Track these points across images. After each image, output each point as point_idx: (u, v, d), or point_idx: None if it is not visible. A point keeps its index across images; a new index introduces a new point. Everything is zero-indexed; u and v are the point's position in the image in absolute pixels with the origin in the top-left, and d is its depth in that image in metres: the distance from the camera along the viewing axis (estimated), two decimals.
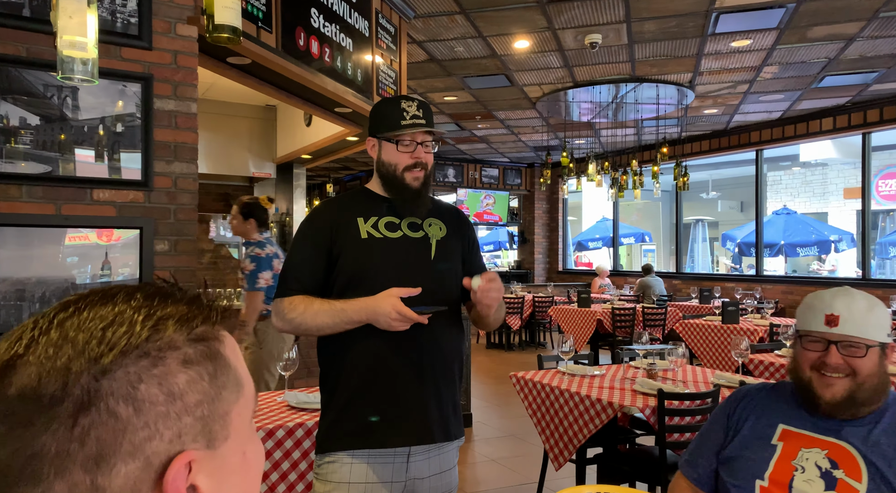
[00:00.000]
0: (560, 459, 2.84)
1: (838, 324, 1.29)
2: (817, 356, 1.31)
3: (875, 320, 1.30)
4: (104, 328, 0.46)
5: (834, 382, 1.28)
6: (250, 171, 7.54)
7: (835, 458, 1.28)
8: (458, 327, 1.63)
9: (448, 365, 1.57)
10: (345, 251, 1.54)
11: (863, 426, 1.29)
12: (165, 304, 0.49)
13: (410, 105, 1.57)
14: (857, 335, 1.28)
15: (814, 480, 1.28)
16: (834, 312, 1.30)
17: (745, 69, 6.25)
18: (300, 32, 3.64)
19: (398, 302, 1.40)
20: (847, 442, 1.28)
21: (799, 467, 1.30)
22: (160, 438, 0.45)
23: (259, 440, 0.56)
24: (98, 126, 2.50)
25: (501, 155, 11.52)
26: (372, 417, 1.48)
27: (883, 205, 13.01)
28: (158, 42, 2.59)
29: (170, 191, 2.63)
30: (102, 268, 2.52)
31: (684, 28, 5.16)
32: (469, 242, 1.71)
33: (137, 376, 0.45)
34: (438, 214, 1.67)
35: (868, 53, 5.72)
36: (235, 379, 0.51)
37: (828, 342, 1.30)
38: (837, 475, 1.26)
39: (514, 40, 5.49)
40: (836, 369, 1.28)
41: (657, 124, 8.68)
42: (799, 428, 1.35)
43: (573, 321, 7.19)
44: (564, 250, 12.52)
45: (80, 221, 2.46)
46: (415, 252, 1.57)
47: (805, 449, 1.31)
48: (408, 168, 1.56)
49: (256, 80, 3.89)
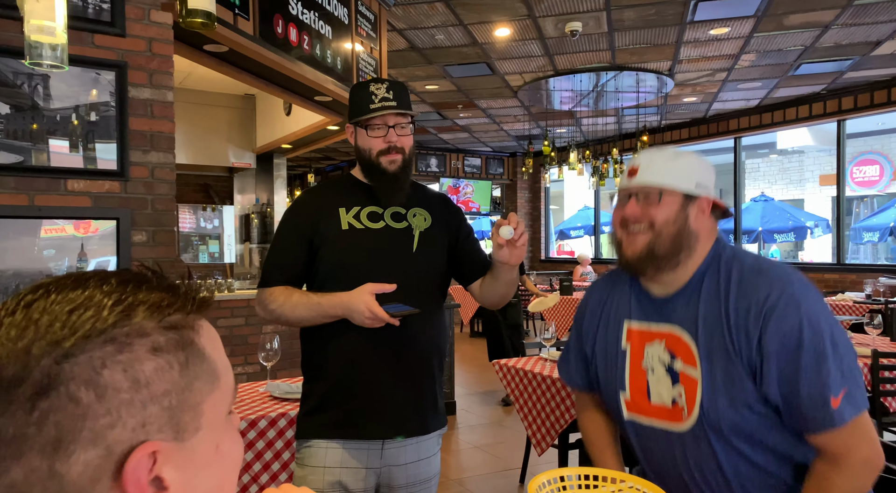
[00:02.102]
0: (543, 444, 2.87)
1: (637, 174, 1.25)
2: (621, 212, 1.27)
3: (678, 169, 1.24)
4: (70, 311, 0.44)
5: (635, 237, 1.24)
6: (230, 161, 7.45)
7: (672, 348, 1.24)
8: (439, 321, 1.59)
9: (427, 360, 1.54)
10: (325, 243, 1.51)
11: (687, 299, 1.24)
12: (139, 290, 0.48)
13: (380, 87, 1.51)
14: (653, 182, 1.23)
15: (662, 378, 1.25)
16: (636, 163, 1.27)
17: (724, 57, 6.30)
18: (278, 19, 3.59)
19: (371, 300, 1.37)
20: (678, 325, 1.24)
21: (649, 368, 1.27)
22: (122, 426, 0.43)
23: (237, 435, 0.54)
24: (71, 115, 2.45)
25: (483, 144, 11.51)
26: (348, 410, 1.48)
27: (857, 191, 13.26)
28: (132, 29, 2.54)
29: (147, 181, 2.59)
30: (79, 260, 2.48)
31: (664, 16, 5.18)
32: (458, 232, 1.65)
33: (101, 362, 0.43)
34: (424, 203, 1.63)
35: (843, 41, 5.79)
36: (210, 370, 0.50)
37: (629, 195, 1.27)
38: (677, 366, 1.23)
39: (494, 28, 5.47)
40: (636, 219, 1.24)
41: (637, 113, 8.73)
42: (639, 320, 1.31)
43: (555, 309, 7.25)
44: (547, 238, 12.58)
45: (54, 211, 2.42)
46: (396, 244, 1.53)
47: (648, 345, 1.28)
48: (382, 152, 1.51)
49: (234, 68, 3.83)
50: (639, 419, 1.30)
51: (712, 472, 1.22)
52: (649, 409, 1.28)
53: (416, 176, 11.69)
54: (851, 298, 6.23)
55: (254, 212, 7.91)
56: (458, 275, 1.66)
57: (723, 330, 1.17)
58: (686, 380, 1.21)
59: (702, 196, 1.25)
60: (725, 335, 1.17)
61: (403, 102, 1.53)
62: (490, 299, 1.63)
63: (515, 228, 1.40)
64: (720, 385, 1.17)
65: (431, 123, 9.57)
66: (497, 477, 3.63)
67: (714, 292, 1.21)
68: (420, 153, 11.65)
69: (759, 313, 1.14)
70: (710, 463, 1.21)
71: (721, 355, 1.17)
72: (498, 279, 1.56)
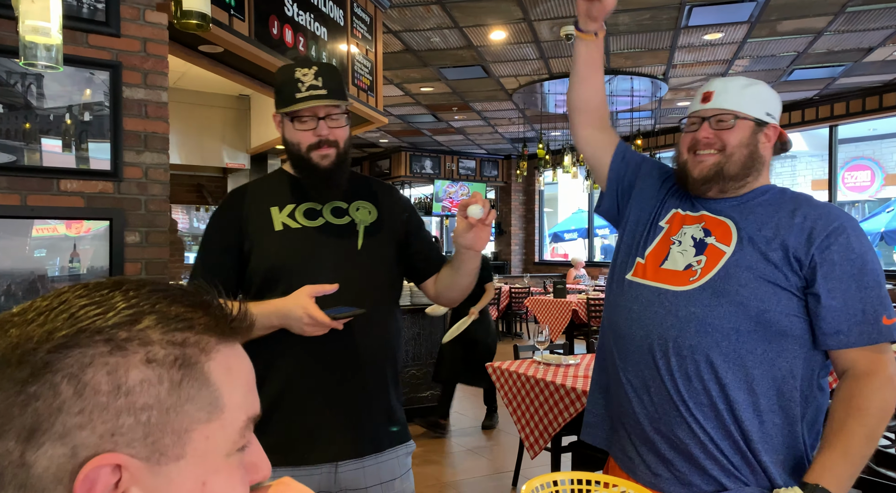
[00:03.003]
0: (535, 448, 2.88)
1: (711, 99, 1.27)
2: (692, 136, 1.29)
3: (751, 95, 1.27)
4: (82, 306, 0.44)
5: (704, 158, 1.27)
6: (224, 161, 7.43)
7: (709, 227, 1.28)
8: (392, 324, 1.44)
9: (378, 370, 1.39)
10: (257, 247, 1.36)
11: (743, 204, 1.29)
12: (162, 301, 0.46)
13: (307, 73, 1.32)
14: (728, 107, 1.25)
15: (687, 249, 1.28)
16: (709, 89, 1.28)
17: (718, 62, 6.34)
18: (273, 21, 3.59)
19: (310, 304, 1.21)
20: (726, 216, 1.28)
21: (676, 241, 1.31)
22: (91, 429, 0.42)
23: (240, 482, 0.48)
24: (65, 115, 2.44)
25: (478, 147, 11.52)
26: (290, 432, 1.33)
27: (849, 196, 13.35)
28: (127, 29, 2.53)
29: (140, 181, 2.58)
30: (71, 260, 2.46)
31: (658, 21, 5.20)
32: (407, 225, 1.50)
33: (90, 360, 0.42)
34: (369, 195, 1.48)
35: (835, 47, 5.84)
36: (211, 398, 0.46)
37: (702, 120, 1.28)
38: (709, 240, 1.27)
39: (490, 31, 5.49)
40: (708, 144, 1.26)
41: (631, 117, 8.76)
42: (688, 211, 1.34)
43: (549, 312, 7.26)
44: (541, 241, 12.60)
45: (46, 212, 2.40)
46: (338, 242, 1.38)
47: (686, 226, 1.32)
48: (312, 147, 1.35)
49: (229, 68, 3.83)
50: (638, 281, 1.31)
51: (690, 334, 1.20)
52: (656, 273, 1.29)
53: (411, 177, 11.73)
54: None
55: None
56: (410, 272, 1.52)
57: (777, 227, 1.21)
58: (712, 252, 1.24)
59: (770, 124, 1.28)
60: (780, 230, 1.21)
61: (335, 89, 1.34)
62: (450, 295, 1.49)
63: (483, 206, 1.29)
64: (750, 261, 1.20)
65: (426, 125, 9.58)
66: (490, 480, 3.63)
67: (777, 202, 1.26)
68: (415, 155, 11.66)
69: (829, 227, 1.18)
70: (692, 325, 1.20)
71: (764, 242, 1.21)
72: (460, 270, 1.42)
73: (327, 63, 1.37)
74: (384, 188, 1.53)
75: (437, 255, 1.52)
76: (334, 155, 1.36)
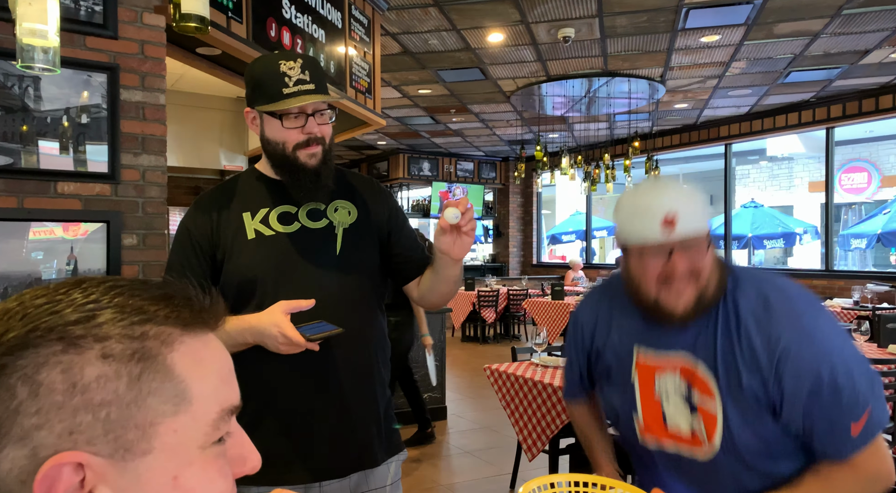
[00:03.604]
0: (533, 450, 2.87)
1: (676, 224, 1.10)
2: (661, 268, 1.13)
3: (700, 208, 1.14)
4: (38, 305, 0.44)
5: (682, 290, 1.13)
6: (221, 164, 7.43)
7: (688, 379, 1.20)
8: (377, 333, 1.35)
9: (363, 382, 1.30)
10: (230, 257, 1.27)
11: (701, 330, 1.18)
12: (122, 295, 0.46)
13: (293, 66, 1.22)
14: (696, 233, 1.12)
15: (679, 408, 1.22)
16: (671, 210, 1.10)
17: (715, 64, 6.35)
18: (271, 23, 3.59)
19: (284, 322, 1.12)
20: (692, 354, 1.19)
21: (663, 396, 1.23)
22: (49, 429, 0.41)
23: (216, 475, 0.47)
24: (62, 117, 2.44)
25: (476, 149, 11.53)
26: (270, 451, 1.22)
27: (846, 198, 13.38)
28: (124, 31, 2.53)
29: (138, 184, 2.58)
30: (68, 263, 2.46)
31: (655, 23, 5.22)
32: (388, 222, 1.39)
33: (45, 359, 0.42)
34: (348, 192, 1.36)
35: (832, 50, 5.86)
36: (176, 391, 0.45)
37: (670, 251, 1.12)
38: (695, 400, 1.20)
39: (487, 33, 5.49)
40: (685, 276, 1.13)
41: (629, 119, 8.78)
42: (649, 346, 1.25)
43: (547, 314, 7.27)
44: (538, 243, 12.61)
45: (43, 214, 2.40)
46: (314, 248, 1.28)
47: (659, 375, 1.23)
48: (300, 146, 1.25)
49: (227, 71, 3.83)
50: (657, 443, 1.29)
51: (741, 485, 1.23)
52: (668, 434, 1.26)
53: (409, 179, 11.73)
54: (839, 304, 6.28)
55: None
56: (391, 273, 1.42)
57: (738, 367, 1.14)
58: (705, 413, 1.19)
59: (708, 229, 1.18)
60: (743, 372, 1.14)
61: (322, 83, 1.26)
62: (430, 300, 1.39)
63: (463, 212, 1.17)
64: (740, 420, 1.15)
65: (424, 127, 9.58)
66: (487, 482, 3.63)
67: (726, 326, 1.17)
68: (413, 157, 11.66)
69: (773, 354, 1.11)
70: (737, 480, 1.23)
71: (739, 390, 1.15)
72: (438, 275, 1.32)
73: (310, 55, 1.26)
74: (364, 183, 1.42)
75: (419, 255, 1.42)
76: (321, 153, 1.27)
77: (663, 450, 1.28)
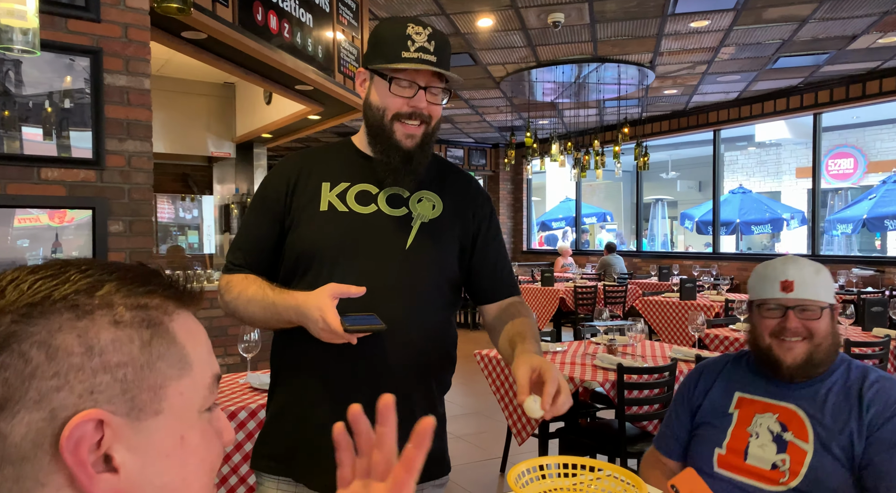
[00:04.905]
0: (523, 434, 2.90)
1: (793, 289, 1.33)
2: (776, 323, 1.35)
3: (823, 283, 1.36)
4: (37, 280, 0.45)
5: (793, 345, 1.33)
6: (209, 150, 7.36)
7: (784, 421, 1.34)
8: (433, 340, 1.20)
9: (409, 395, 1.14)
10: (297, 224, 1.18)
11: (812, 387, 1.35)
12: (116, 272, 0.48)
13: (420, 32, 1.12)
14: (812, 298, 1.33)
15: (767, 444, 1.34)
16: (788, 278, 1.35)
17: (704, 50, 6.35)
18: (258, 7, 3.54)
19: (327, 307, 1.01)
20: (796, 405, 1.34)
21: (754, 433, 1.36)
22: (69, 390, 0.42)
23: (214, 436, 0.51)
24: (44, 102, 2.40)
25: (466, 135, 11.49)
26: (290, 444, 1.17)
27: (832, 184, 13.50)
28: (107, 14, 2.48)
29: (123, 170, 2.55)
30: (54, 251, 2.43)
31: (645, 8, 5.20)
32: (478, 230, 1.26)
33: (58, 325, 0.43)
34: (439, 184, 1.24)
35: (819, 35, 5.87)
36: (179, 356, 0.48)
37: (785, 308, 1.34)
38: (787, 437, 1.32)
39: (477, 18, 5.45)
40: (795, 332, 1.33)
41: (618, 105, 8.78)
42: (753, 395, 1.40)
43: (537, 300, 7.29)
44: (529, 230, 12.63)
45: (27, 200, 2.37)
46: (385, 236, 1.17)
47: (759, 415, 1.37)
48: (399, 117, 1.14)
49: (213, 55, 3.78)
50: (730, 475, 1.37)
51: None
52: (743, 467, 1.35)
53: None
54: None
55: (234, 202, 7.83)
56: (468, 288, 1.29)
57: (847, 421, 1.28)
58: (794, 450, 1.30)
59: (835, 304, 1.38)
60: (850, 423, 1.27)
61: (445, 59, 1.15)
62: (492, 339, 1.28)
63: (545, 399, 0.97)
64: (833, 465, 1.26)
65: None
66: (479, 467, 3.66)
67: (845, 387, 1.32)
68: None
69: (890, 406, 1.26)
70: None
71: (838, 438, 1.27)
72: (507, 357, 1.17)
73: (441, 32, 1.16)
74: (461, 179, 1.30)
75: (500, 282, 1.26)
76: (420, 135, 1.16)
77: (736, 482, 1.36)
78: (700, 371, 1.53)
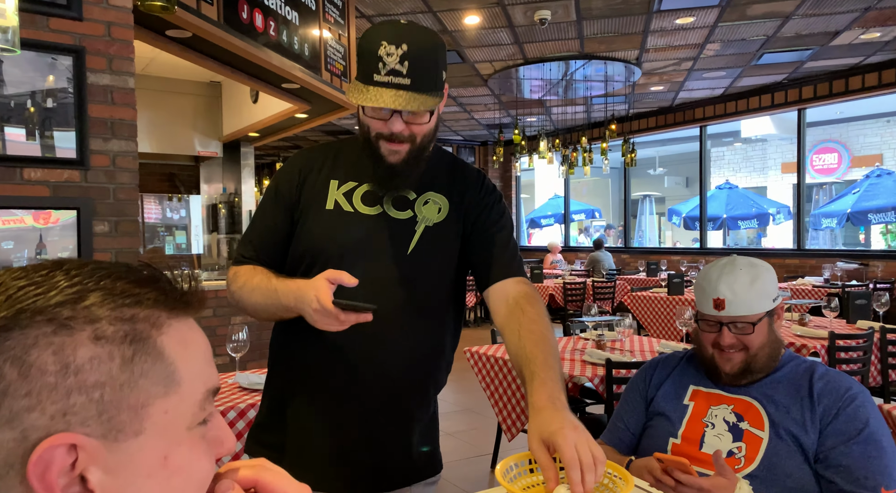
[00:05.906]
0: (513, 430, 2.91)
1: (724, 307, 1.35)
2: (714, 337, 1.38)
3: (758, 294, 1.35)
4: (21, 287, 0.43)
5: (732, 355, 1.36)
6: (196, 150, 7.30)
7: (740, 411, 1.37)
8: (428, 343, 1.19)
9: (401, 398, 1.17)
10: (305, 219, 1.18)
11: (762, 382, 1.39)
12: (107, 279, 0.45)
13: (391, 53, 1.04)
14: (743, 314, 1.35)
15: (723, 434, 1.36)
16: (719, 296, 1.36)
17: (689, 47, 6.39)
18: (243, 4, 3.52)
19: (323, 288, 0.99)
20: (750, 397, 1.38)
21: (709, 423, 1.38)
22: (41, 411, 0.40)
23: (202, 454, 0.48)
24: (27, 102, 2.37)
25: (455, 133, 11.49)
26: (285, 436, 1.18)
27: (817, 178, 13.64)
28: (90, 12, 2.46)
29: (108, 170, 2.53)
30: (39, 252, 2.41)
31: (631, 5, 5.22)
32: (479, 215, 1.23)
33: (34, 340, 0.41)
34: (446, 184, 1.22)
35: (803, 31, 5.93)
36: (166, 373, 0.46)
37: (720, 324, 1.37)
38: (743, 426, 1.35)
39: (464, 16, 5.45)
40: (731, 345, 1.36)
41: (606, 102, 8.81)
42: (707, 388, 1.43)
43: None
44: (518, 227, 12.66)
45: (9, 201, 2.34)
46: (388, 239, 1.15)
47: (714, 407, 1.40)
48: (381, 137, 1.11)
49: (198, 54, 3.75)
50: None
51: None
52: (698, 456, 1.36)
53: None
54: (811, 282, 6.43)
55: (221, 202, 7.78)
56: (473, 275, 1.25)
57: (802, 412, 1.30)
58: (750, 438, 1.33)
59: (777, 306, 1.39)
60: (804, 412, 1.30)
61: (423, 80, 1.06)
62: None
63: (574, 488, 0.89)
64: (785, 451, 1.29)
65: None
66: (469, 463, 3.67)
67: (795, 381, 1.35)
68: None
69: (840, 398, 1.29)
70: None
71: (795, 427, 1.30)
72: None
73: (423, 37, 1.08)
74: (471, 176, 1.27)
75: (496, 261, 1.20)
76: (405, 152, 1.11)
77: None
78: (654, 365, 1.55)
